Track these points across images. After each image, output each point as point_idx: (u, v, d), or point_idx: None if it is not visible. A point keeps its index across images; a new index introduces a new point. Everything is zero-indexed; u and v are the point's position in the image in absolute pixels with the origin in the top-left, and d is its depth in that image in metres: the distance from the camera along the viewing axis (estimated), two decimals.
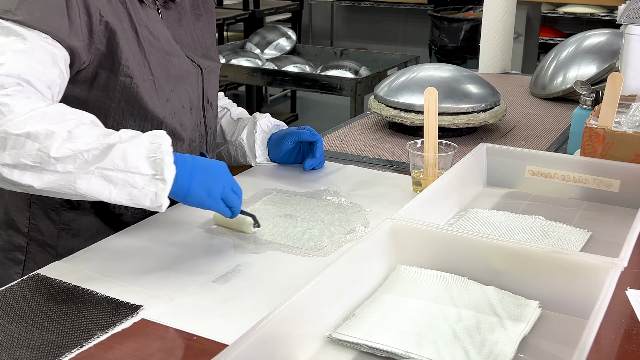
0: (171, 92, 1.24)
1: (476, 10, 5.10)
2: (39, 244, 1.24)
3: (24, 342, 0.89)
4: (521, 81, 2.33)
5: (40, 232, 1.24)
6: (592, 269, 0.90)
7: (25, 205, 1.23)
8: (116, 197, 0.98)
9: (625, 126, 1.35)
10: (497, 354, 0.83)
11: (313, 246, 1.15)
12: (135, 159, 0.98)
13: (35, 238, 1.24)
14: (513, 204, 1.30)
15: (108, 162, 0.96)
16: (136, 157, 0.98)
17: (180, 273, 1.07)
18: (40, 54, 1.03)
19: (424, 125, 1.34)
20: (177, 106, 1.25)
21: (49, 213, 1.23)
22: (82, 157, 0.96)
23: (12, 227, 1.26)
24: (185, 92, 1.27)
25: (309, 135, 1.43)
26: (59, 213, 1.23)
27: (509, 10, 2.36)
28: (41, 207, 1.23)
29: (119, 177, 0.97)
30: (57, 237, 1.24)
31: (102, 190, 0.97)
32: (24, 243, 1.25)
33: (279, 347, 0.80)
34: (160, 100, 1.21)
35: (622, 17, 1.60)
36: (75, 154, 0.95)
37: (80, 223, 1.24)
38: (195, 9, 1.37)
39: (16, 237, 1.25)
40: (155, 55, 1.20)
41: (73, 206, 1.24)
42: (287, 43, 3.96)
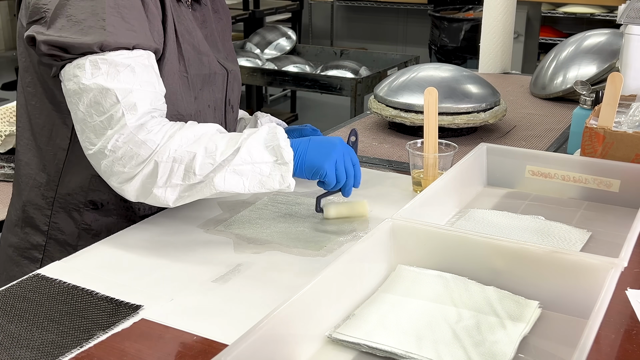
0: (200, 91, 1.26)
1: (476, 10, 5.10)
2: (59, 243, 1.24)
3: (24, 342, 0.89)
4: (521, 81, 2.33)
5: (61, 231, 1.24)
6: (592, 269, 0.90)
7: (47, 204, 1.23)
8: (249, 186, 1.10)
9: (625, 126, 1.35)
10: (497, 354, 0.83)
11: (313, 246, 1.15)
12: (258, 150, 1.10)
13: (55, 237, 1.24)
14: (513, 204, 1.30)
15: (237, 159, 1.08)
16: (258, 148, 1.10)
17: (180, 273, 1.07)
18: (149, 75, 1.11)
19: (424, 125, 1.34)
20: (203, 105, 1.27)
21: (71, 213, 1.23)
22: (219, 164, 1.08)
23: (30, 225, 1.25)
24: (211, 92, 1.29)
25: (310, 131, 1.43)
26: (82, 213, 1.23)
27: (509, 10, 2.37)
28: (64, 206, 1.23)
29: (248, 169, 1.09)
30: (78, 237, 1.23)
31: (236, 183, 1.09)
32: (43, 242, 1.24)
33: (279, 347, 0.80)
34: (190, 98, 1.23)
35: (622, 17, 1.60)
36: (214, 165, 1.08)
37: (102, 224, 1.24)
38: (216, 12, 1.38)
39: (34, 236, 1.25)
40: (190, 52, 1.22)
41: (96, 207, 1.24)
42: (287, 43, 3.97)
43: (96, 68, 1.06)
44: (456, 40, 4.96)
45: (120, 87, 1.07)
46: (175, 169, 1.07)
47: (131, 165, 1.07)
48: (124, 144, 1.07)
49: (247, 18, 4.88)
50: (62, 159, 1.20)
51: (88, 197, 1.22)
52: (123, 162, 1.08)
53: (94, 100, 1.07)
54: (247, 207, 1.30)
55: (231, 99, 1.37)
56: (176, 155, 1.07)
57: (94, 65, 1.06)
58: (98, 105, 1.07)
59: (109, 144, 1.07)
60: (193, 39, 1.24)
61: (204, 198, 1.12)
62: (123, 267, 1.08)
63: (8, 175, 1.81)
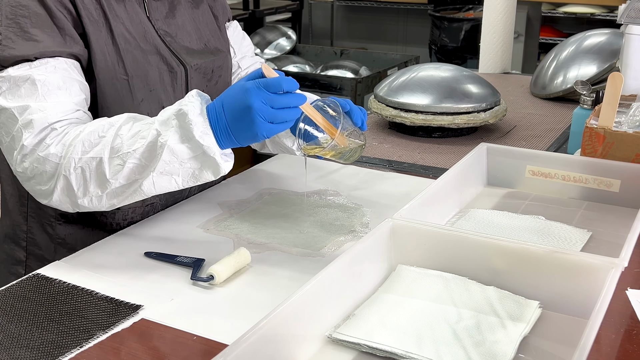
0: (149, 92, 1.20)
1: (476, 10, 5.09)
2: (37, 259, 1.23)
3: (24, 342, 0.89)
4: (521, 81, 2.33)
5: (38, 246, 1.23)
6: (592, 269, 0.90)
7: (23, 219, 1.23)
8: (182, 183, 1.03)
9: (625, 126, 1.35)
10: (497, 354, 0.83)
11: (313, 246, 1.15)
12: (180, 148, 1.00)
13: (34, 252, 1.23)
14: (513, 204, 1.30)
15: (160, 162, 1.00)
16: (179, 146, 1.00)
17: (180, 273, 1.07)
18: (52, 84, 1.06)
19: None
20: (154, 106, 1.20)
21: (45, 227, 1.22)
22: (134, 164, 1.01)
23: (13, 241, 1.25)
24: (164, 91, 1.22)
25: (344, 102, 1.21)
26: (54, 227, 1.22)
27: (509, 10, 2.36)
28: (37, 220, 1.22)
29: (176, 167, 1.01)
30: (54, 252, 1.22)
31: (167, 184, 1.03)
32: (23, 257, 1.24)
33: (279, 347, 0.80)
34: (134, 101, 1.17)
35: (622, 17, 1.60)
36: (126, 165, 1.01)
37: (77, 237, 1.23)
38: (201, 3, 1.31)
39: (17, 251, 1.25)
40: (132, 53, 1.17)
41: (67, 220, 1.22)
42: (287, 43, 3.97)
43: None
44: (456, 40, 4.96)
45: (18, 105, 1.04)
46: (87, 178, 1.03)
47: (44, 182, 1.05)
48: (30, 163, 1.04)
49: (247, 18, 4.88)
50: None
51: (57, 211, 1.21)
52: (36, 180, 1.05)
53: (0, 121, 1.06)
54: (247, 207, 1.30)
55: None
56: (82, 164, 1.02)
57: None
58: (4, 125, 1.06)
59: (17, 166, 1.05)
60: (135, 38, 1.18)
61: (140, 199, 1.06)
62: (123, 267, 1.08)
63: None
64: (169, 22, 1.25)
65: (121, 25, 1.16)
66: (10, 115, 1.04)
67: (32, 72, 1.05)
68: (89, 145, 1.02)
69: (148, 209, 1.28)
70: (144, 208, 1.27)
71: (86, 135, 1.03)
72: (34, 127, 1.03)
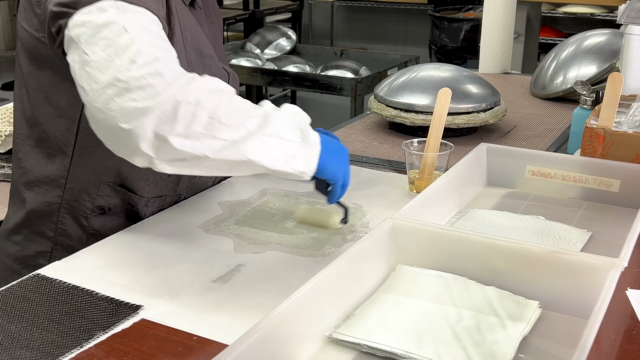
0: None
1: (476, 10, 5.10)
2: (66, 249, 1.22)
3: (24, 342, 0.89)
4: (521, 81, 2.33)
5: (69, 237, 1.23)
6: (592, 269, 0.90)
7: (53, 210, 1.22)
8: (274, 162, 0.99)
9: (625, 126, 1.35)
10: (497, 354, 0.83)
11: (313, 246, 1.15)
12: (285, 126, 1.01)
13: (62, 242, 1.23)
14: (513, 204, 1.30)
15: (268, 129, 0.98)
16: (286, 124, 1.01)
17: (180, 273, 1.07)
18: (158, 29, 1.01)
19: (431, 124, 1.35)
20: None
21: (79, 219, 1.22)
22: (246, 125, 0.96)
23: (35, 233, 1.24)
24: None
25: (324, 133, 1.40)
26: (89, 219, 1.22)
27: (509, 10, 2.37)
28: (71, 212, 1.22)
29: (276, 143, 0.99)
30: (86, 242, 1.22)
31: (264, 156, 0.98)
32: (49, 248, 1.23)
33: (279, 347, 0.80)
34: None
35: (622, 17, 1.60)
36: (241, 122, 0.96)
37: (109, 227, 1.23)
38: (208, 16, 1.35)
39: (39, 243, 1.23)
40: (193, 55, 1.19)
41: (103, 211, 1.23)
42: (287, 43, 3.97)
43: (103, 10, 0.97)
44: (456, 40, 4.96)
45: (129, 21, 0.96)
46: (198, 114, 0.93)
47: (144, 97, 0.91)
48: (138, 71, 0.92)
49: (247, 18, 4.89)
50: (67, 165, 1.19)
51: (95, 203, 1.21)
52: (135, 94, 0.91)
53: (97, 36, 0.95)
54: (247, 207, 1.30)
55: None
56: (201, 98, 0.93)
57: (100, 9, 0.97)
58: (102, 39, 0.94)
59: (119, 73, 0.92)
60: (197, 41, 1.21)
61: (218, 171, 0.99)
62: (123, 267, 1.08)
63: (8, 175, 1.81)
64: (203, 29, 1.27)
65: (187, 29, 1.18)
66: (117, 27, 0.95)
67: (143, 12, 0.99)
68: (209, 89, 0.96)
69: (176, 199, 1.31)
70: (174, 198, 1.30)
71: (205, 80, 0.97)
72: (151, 43, 0.95)
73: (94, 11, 0.97)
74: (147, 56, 0.93)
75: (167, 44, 1.00)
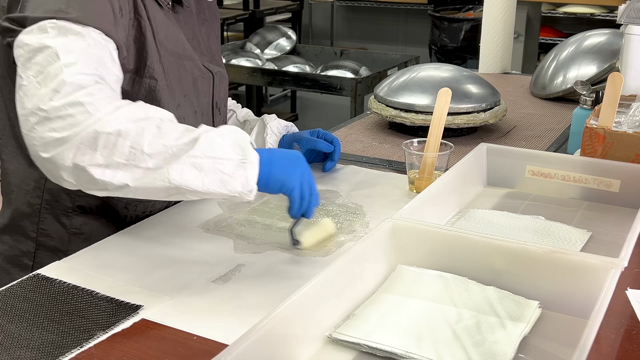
0: (183, 98, 1.22)
1: (476, 10, 5.09)
2: (49, 249, 1.23)
3: (24, 342, 0.89)
4: (521, 81, 2.33)
5: (50, 237, 1.23)
6: (592, 269, 0.90)
7: (34, 211, 1.22)
8: (208, 185, 0.97)
9: (625, 126, 1.35)
10: (497, 354, 0.83)
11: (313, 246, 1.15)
12: (222, 145, 0.98)
13: (45, 243, 1.23)
14: (513, 204, 1.30)
15: (197, 150, 0.96)
16: (222, 144, 0.99)
17: (180, 273, 1.07)
18: (100, 51, 1.01)
19: (431, 124, 1.35)
20: (187, 111, 1.23)
21: (60, 218, 1.22)
22: (172, 151, 0.95)
23: (18, 233, 1.24)
24: (196, 97, 1.25)
25: (325, 146, 1.43)
26: (71, 218, 1.22)
27: (509, 10, 2.36)
28: (51, 212, 1.22)
29: (209, 164, 0.97)
30: (68, 242, 1.22)
31: (194, 179, 0.96)
32: (32, 248, 1.23)
33: (279, 347, 0.80)
34: (172, 106, 1.19)
35: (622, 17, 1.60)
36: (166, 149, 0.95)
37: (92, 227, 1.23)
38: (200, 13, 1.33)
39: (24, 243, 1.24)
40: (169, 59, 1.18)
41: (85, 210, 1.23)
42: (287, 43, 3.97)
43: (43, 31, 0.97)
44: (456, 40, 4.96)
45: (63, 48, 0.96)
46: (119, 145, 0.93)
47: (63, 127, 0.92)
48: (59, 101, 0.92)
49: (247, 18, 4.89)
50: None
51: (75, 202, 1.21)
52: (55, 124, 0.92)
53: (32, 61, 0.96)
54: (247, 207, 1.30)
55: (218, 102, 1.34)
56: (122, 128, 0.93)
57: (41, 29, 0.97)
58: (35, 65, 0.95)
59: (41, 102, 0.93)
60: (174, 43, 1.19)
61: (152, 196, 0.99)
62: (123, 267, 1.08)
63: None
64: (186, 33, 1.27)
65: (161, 30, 1.17)
66: (49, 53, 0.95)
67: (84, 31, 1.00)
68: (135, 117, 0.95)
69: (167, 203, 1.30)
70: (164, 202, 1.29)
71: (135, 108, 0.97)
72: (79, 70, 0.95)
73: (35, 31, 0.98)
74: (71, 86, 0.93)
75: (107, 68, 1.00)
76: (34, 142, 0.94)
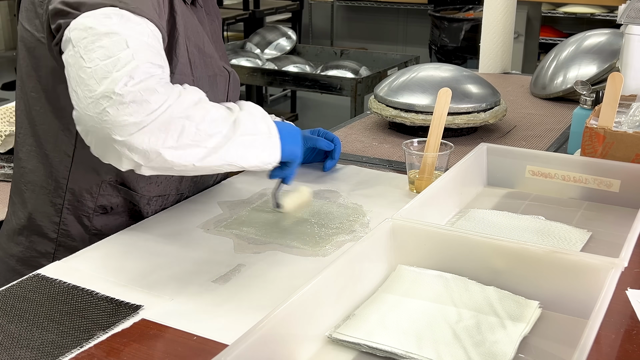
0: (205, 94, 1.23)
1: (476, 10, 5.10)
2: (69, 250, 1.22)
3: (24, 342, 0.89)
4: (521, 81, 2.33)
5: (71, 237, 1.23)
6: (592, 269, 0.90)
7: (56, 211, 1.22)
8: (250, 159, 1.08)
9: (625, 126, 1.35)
10: (497, 354, 0.83)
11: (313, 246, 1.15)
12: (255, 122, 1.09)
13: (65, 244, 1.23)
14: (513, 204, 1.30)
15: (241, 130, 1.05)
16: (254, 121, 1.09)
17: (180, 273, 1.07)
18: (156, 42, 1.03)
19: (431, 124, 1.35)
20: None
21: (81, 219, 1.22)
22: (225, 132, 1.04)
23: (37, 233, 1.23)
24: (214, 94, 1.25)
25: (326, 144, 1.45)
26: (91, 219, 1.22)
27: (509, 10, 2.37)
28: (73, 212, 1.22)
29: (250, 141, 1.07)
30: (89, 242, 1.22)
31: (242, 155, 1.06)
32: (52, 249, 1.23)
33: (279, 347, 0.80)
34: None
35: (622, 17, 1.60)
36: (220, 130, 1.03)
37: (112, 227, 1.24)
38: (209, 14, 1.35)
39: (42, 244, 1.23)
40: (195, 55, 1.20)
41: (106, 210, 1.23)
42: (287, 43, 3.97)
43: (107, 17, 0.98)
44: (456, 40, 4.96)
45: (132, 35, 0.98)
46: (187, 127, 0.98)
47: (140, 113, 0.94)
48: (134, 87, 0.94)
49: (247, 18, 4.89)
50: (68, 165, 1.19)
51: (97, 202, 1.21)
52: (130, 109, 0.94)
53: (97, 44, 0.96)
54: (247, 207, 1.30)
55: (232, 101, 1.35)
56: (189, 112, 0.99)
57: (105, 15, 0.98)
58: (102, 48, 0.96)
59: (116, 86, 0.93)
60: (199, 40, 1.22)
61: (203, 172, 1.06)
62: (123, 267, 1.08)
63: (8, 175, 1.81)
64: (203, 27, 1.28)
65: (188, 27, 1.19)
66: (118, 40, 0.96)
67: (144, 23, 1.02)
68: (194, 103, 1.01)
69: (179, 198, 1.32)
70: (176, 197, 1.31)
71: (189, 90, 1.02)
72: (148, 57, 0.97)
73: (98, 16, 0.98)
74: (144, 73, 0.96)
75: (163, 60, 1.04)
76: (105, 125, 0.94)
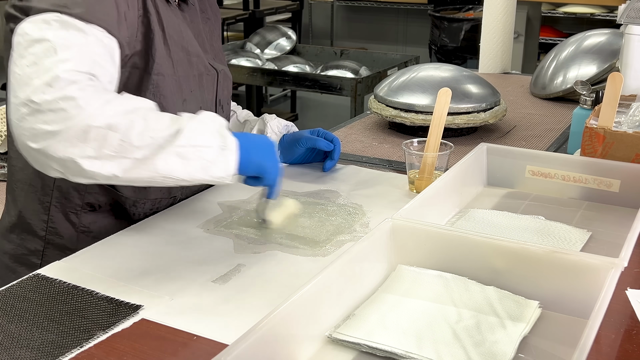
0: (190, 93, 1.24)
1: (476, 10, 5.10)
2: (58, 248, 1.23)
3: (24, 342, 0.89)
4: (521, 81, 2.33)
5: (59, 235, 1.23)
6: (592, 269, 0.90)
7: (44, 208, 1.22)
8: (192, 172, 1.00)
9: (625, 126, 1.35)
10: (497, 354, 0.83)
11: (313, 246, 1.15)
12: (203, 133, 1.01)
13: (53, 241, 1.23)
14: (513, 204, 1.30)
15: (181, 140, 0.99)
16: (204, 131, 1.01)
17: (180, 273, 1.07)
18: (100, 49, 1.03)
19: (431, 124, 1.35)
20: (192, 107, 1.24)
21: (69, 216, 1.22)
22: (158, 142, 0.98)
23: (26, 231, 1.24)
24: (201, 94, 1.27)
25: (325, 144, 1.44)
26: (79, 216, 1.22)
27: (509, 10, 2.37)
28: (61, 210, 1.22)
29: (192, 152, 1.00)
30: (77, 240, 1.22)
31: (179, 167, 0.99)
32: (40, 247, 1.23)
33: (279, 347, 0.80)
34: (178, 102, 1.21)
35: (622, 17, 1.60)
36: (153, 141, 0.97)
37: (100, 225, 1.24)
38: (203, 12, 1.35)
39: (31, 241, 1.24)
40: (178, 54, 1.20)
41: (93, 208, 1.23)
42: (287, 43, 3.97)
43: (46, 23, 0.99)
44: (456, 40, 4.96)
45: (62, 43, 0.98)
46: (109, 138, 0.94)
47: (55, 120, 0.93)
48: (52, 95, 0.93)
49: (247, 18, 4.89)
50: None
51: (85, 200, 1.22)
52: (47, 117, 0.93)
53: (29, 50, 0.97)
54: (247, 207, 1.30)
55: (221, 99, 1.35)
56: (112, 121, 0.94)
57: (44, 21, 0.99)
58: (31, 55, 0.96)
59: (34, 94, 0.93)
60: (182, 39, 1.21)
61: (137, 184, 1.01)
62: (123, 267, 1.08)
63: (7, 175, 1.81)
64: (193, 26, 1.29)
65: (170, 26, 1.19)
66: (49, 49, 0.97)
67: (86, 28, 1.02)
68: (124, 109, 0.97)
69: (172, 201, 1.31)
70: (169, 200, 1.30)
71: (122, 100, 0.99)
72: (73, 66, 0.97)
73: (37, 22, 1.00)
74: (64, 81, 0.95)
75: (102, 68, 1.02)
76: (23, 131, 0.95)
